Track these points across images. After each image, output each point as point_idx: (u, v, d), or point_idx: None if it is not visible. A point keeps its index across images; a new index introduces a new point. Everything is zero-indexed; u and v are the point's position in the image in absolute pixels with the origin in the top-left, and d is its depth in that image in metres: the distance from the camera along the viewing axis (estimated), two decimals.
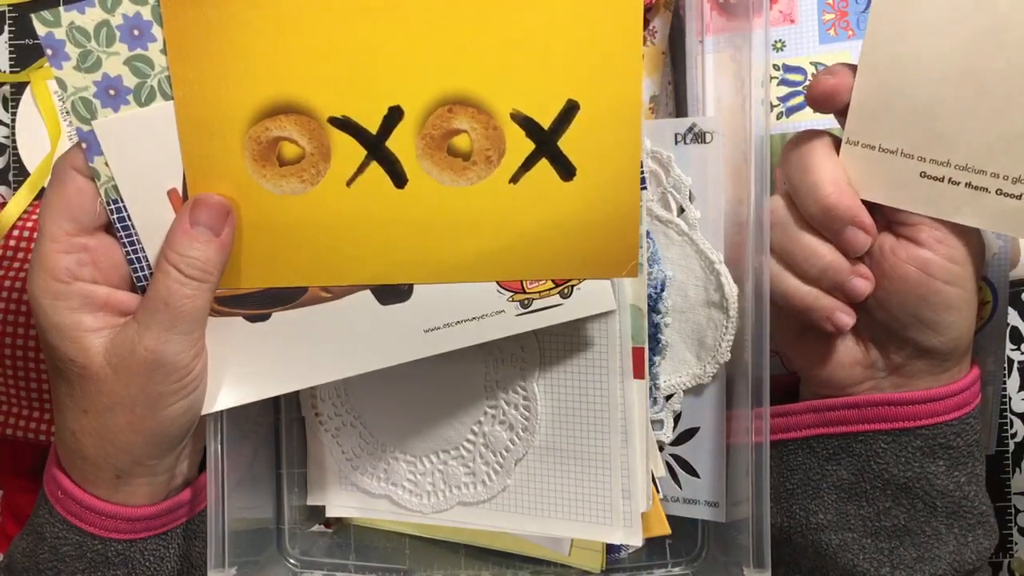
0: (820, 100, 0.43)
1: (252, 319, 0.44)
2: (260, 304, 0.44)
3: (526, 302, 0.44)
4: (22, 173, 0.59)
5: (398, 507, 0.53)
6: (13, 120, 0.59)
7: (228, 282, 0.43)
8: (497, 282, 0.43)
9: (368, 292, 0.43)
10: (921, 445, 0.44)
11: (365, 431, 0.53)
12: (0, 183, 0.60)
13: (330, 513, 0.55)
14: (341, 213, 0.42)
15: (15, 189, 0.59)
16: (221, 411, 0.45)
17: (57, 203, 0.41)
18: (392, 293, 0.43)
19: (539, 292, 0.44)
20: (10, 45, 0.60)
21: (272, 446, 0.54)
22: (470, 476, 0.51)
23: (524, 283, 0.43)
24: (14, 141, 0.59)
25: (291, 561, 0.54)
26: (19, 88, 0.59)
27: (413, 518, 0.53)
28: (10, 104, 0.59)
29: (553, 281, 0.44)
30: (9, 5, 0.60)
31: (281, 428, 0.55)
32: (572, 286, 0.44)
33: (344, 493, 0.54)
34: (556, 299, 0.44)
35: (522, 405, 0.49)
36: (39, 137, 0.59)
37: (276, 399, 0.54)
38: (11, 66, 0.60)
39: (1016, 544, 0.57)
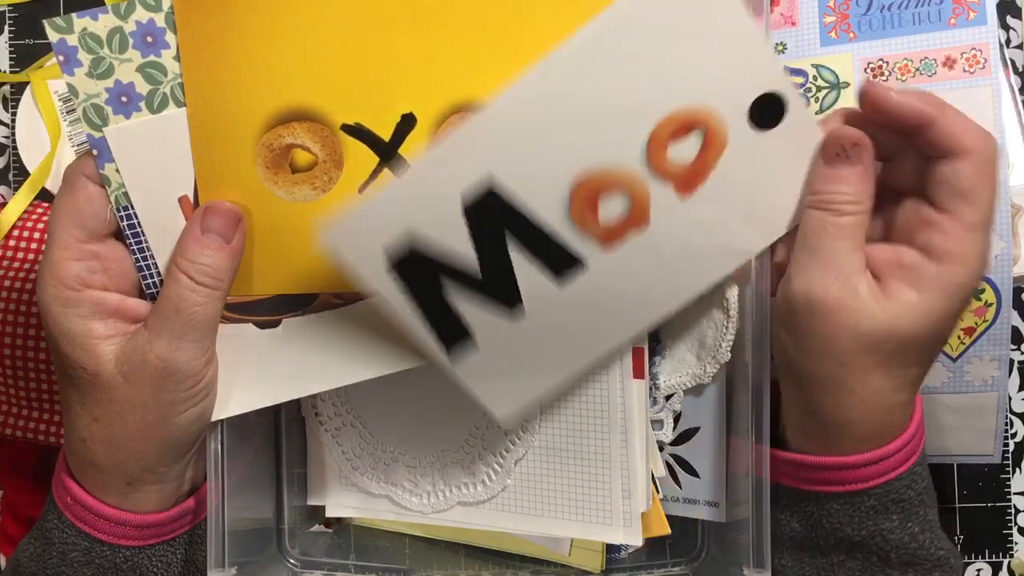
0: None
1: (262, 326, 0.44)
2: (270, 311, 0.44)
3: None
4: (22, 173, 0.59)
5: (398, 507, 0.53)
6: (13, 120, 0.59)
7: (239, 289, 0.43)
8: None
9: None
10: (874, 504, 0.43)
11: (365, 431, 0.53)
12: (0, 183, 0.60)
13: (330, 513, 0.55)
14: None
15: (15, 189, 0.59)
16: None
17: (67, 210, 0.41)
18: None
19: None
20: (10, 45, 0.60)
21: (272, 446, 0.54)
22: (470, 476, 0.51)
23: None
24: (14, 141, 0.59)
25: (291, 561, 0.54)
26: (19, 88, 0.59)
27: (413, 518, 0.53)
28: (10, 104, 0.59)
29: None
30: (9, 5, 0.60)
31: (281, 428, 0.55)
32: None
33: (344, 493, 0.54)
34: None
35: None
36: (39, 137, 0.59)
37: None
38: (11, 66, 0.60)
39: (1016, 544, 0.57)
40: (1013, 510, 0.57)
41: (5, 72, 0.60)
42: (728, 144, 0.40)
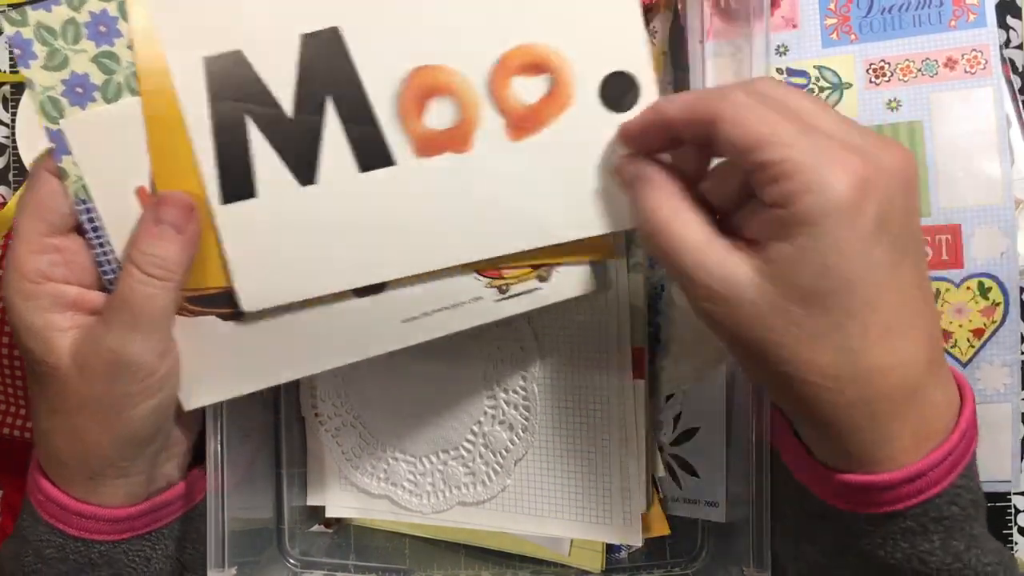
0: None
1: (226, 317, 0.43)
2: (233, 302, 0.42)
3: (504, 288, 0.43)
4: (22, 173, 0.59)
5: (398, 507, 0.53)
6: (13, 120, 0.59)
7: (197, 281, 0.42)
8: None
9: None
10: (911, 525, 0.37)
11: (365, 431, 0.53)
12: (0, 183, 0.60)
13: (330, 513, 0.55)
14: None
15: (15, 189, 0.59)
16: (221, 410, 0.44)
17: (30, 204, 0.41)
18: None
19: (516, 277, 0.43)
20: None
21: (272, 446, 0.54)
22: (470, 476, 0.51)
23: (500, 269, 0.43)
24: (14, 141, 0.59)
25: (291, 561, 0.54)
26: (19, 88, 0.59)
27: (413, 518, 0.53)
28: (10, 104, 0.59)
29: (530, 265, 0.43)
30: (9, 5, 0.60)
31: (281, 428, 0.55)
32: (550, 269, 0.43)
33: (344, 493, 0.54)
34: (534, 283, 0.43)
35: (522, 405, 0.49)
36: (39, 137, 0.59)
37: (275, 399, 0.54)
38: (11, 66, 0.60)
39: (1016, 544, 0.57)
40: (1013, 510, 0.57)
41: (5, 72, 0.60)
42: (572, 105, 0.39)
